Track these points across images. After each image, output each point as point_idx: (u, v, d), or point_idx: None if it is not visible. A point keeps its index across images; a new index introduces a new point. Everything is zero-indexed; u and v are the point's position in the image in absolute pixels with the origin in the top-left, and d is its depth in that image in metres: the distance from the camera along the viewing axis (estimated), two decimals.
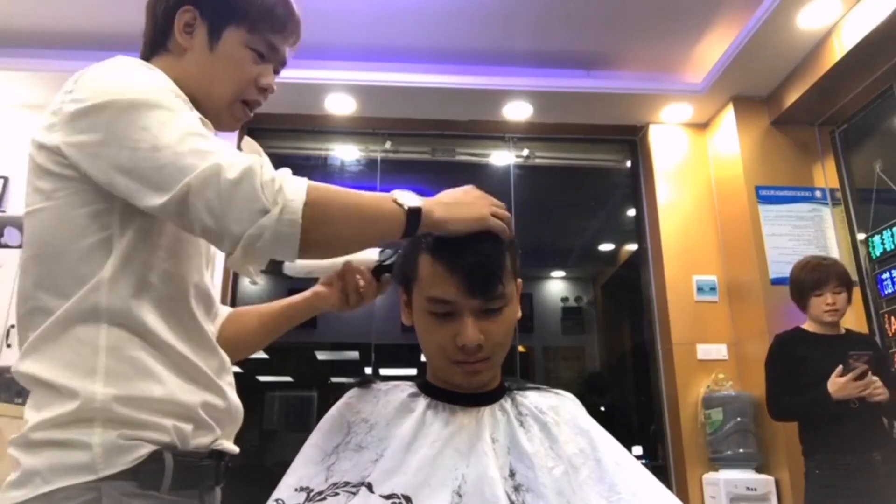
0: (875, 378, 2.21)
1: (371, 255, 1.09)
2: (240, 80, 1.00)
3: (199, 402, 0.87)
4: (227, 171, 0.78)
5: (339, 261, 1.09)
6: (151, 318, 0.85)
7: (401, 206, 0.86)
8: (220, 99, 1.00)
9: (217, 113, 1.00)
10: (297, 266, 1.07)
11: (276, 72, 1.06)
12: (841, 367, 2.21)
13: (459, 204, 0.91)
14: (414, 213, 0.86)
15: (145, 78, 0.88)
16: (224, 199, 0.77)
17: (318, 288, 1.14)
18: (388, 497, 0.83)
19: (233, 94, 1.00)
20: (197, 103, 0.96)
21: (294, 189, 0.80)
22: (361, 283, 1.09)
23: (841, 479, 2.22)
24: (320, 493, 0.87)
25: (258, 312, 1.15)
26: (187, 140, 0.81)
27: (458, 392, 0.95)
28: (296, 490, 0.88)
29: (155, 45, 1.01)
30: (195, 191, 0.78)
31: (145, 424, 0.80)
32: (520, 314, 0.97)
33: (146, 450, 0.79)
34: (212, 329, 0.96)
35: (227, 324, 1.10)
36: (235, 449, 0.96)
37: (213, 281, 1.01)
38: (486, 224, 0.90)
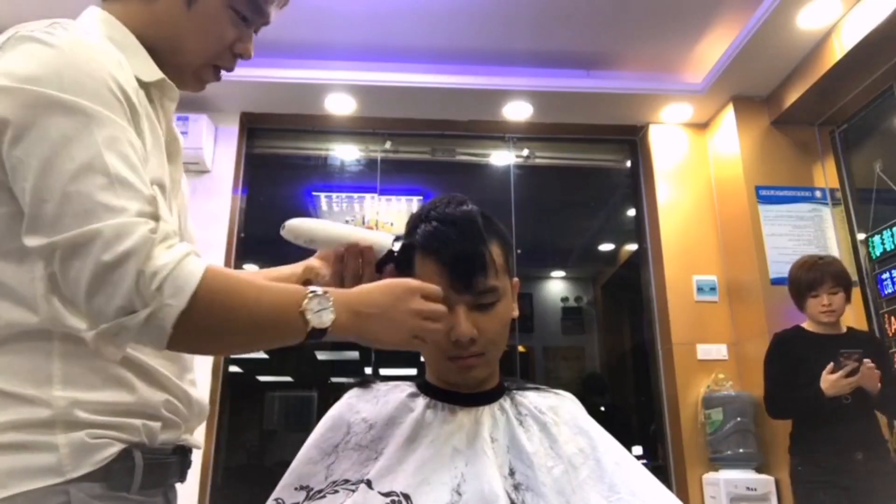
0: (869, 364, 2.21)
1: (384, 240, 0.99)
2: (215, 44, 0.90)
3: (162, 400, 0.82)
4: (105, 246, 0.67)
5: (344, 237, 1.00)
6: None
7: (306, 322, 0.76)
8: (190, 60, 0.90)
9: (181, 72, 0.90)
10: (297, 232, 0.99)
11: (257, 31, 0.95)
12: (832, 364, 2.22)
13: (381, 319, 0.82)
14: (317, 332, 0.77)
15: (77, 61, 0.73)
16: (89, 280, 0.67)
17: (312, 262, 1.05)
18: (387, 495, 0.83)
19: (204, 59, 0.91)
20: (160, 57, 0.87)
21: (177, 289, 0.68)
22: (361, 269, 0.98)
23: (823, 475, 2.24)
24: (319, 491, 0.87)
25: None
26: (82, 179, 0.68)
27: (457, 392, 0.96)
28: (295, 489, 0.89)
29: None
30: (61, 256, 0.68)
31: (112, 425, 0.75)
32: (516, 313, 0.98)
33: (116, 448, 0.74)
34: None
35: None
36: (200, 443, 0.93)
37: None
38: (407, 347, 0.85)
